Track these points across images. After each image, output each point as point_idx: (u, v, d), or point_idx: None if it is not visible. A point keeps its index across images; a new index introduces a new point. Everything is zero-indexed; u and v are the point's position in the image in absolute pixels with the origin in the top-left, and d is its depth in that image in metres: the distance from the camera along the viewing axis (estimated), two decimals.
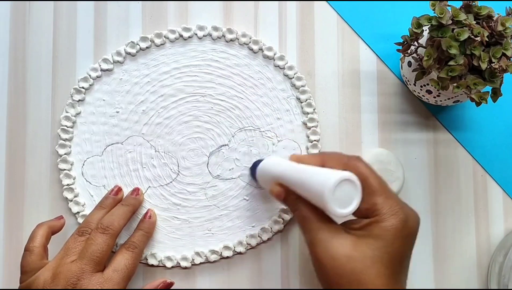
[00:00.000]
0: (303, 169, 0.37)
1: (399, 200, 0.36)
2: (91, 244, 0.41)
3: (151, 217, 0.47)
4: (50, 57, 0.50)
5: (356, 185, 0.35)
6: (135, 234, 0.45)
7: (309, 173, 0.36)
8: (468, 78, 0.39)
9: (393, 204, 0.35)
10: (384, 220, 0.35)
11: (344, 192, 0.34)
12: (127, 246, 0.43)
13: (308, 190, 0.36)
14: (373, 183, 0.36)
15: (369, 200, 0.36)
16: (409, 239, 0.36)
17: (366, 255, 0.34)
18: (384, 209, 0.35)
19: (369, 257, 0.34)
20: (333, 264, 0.34)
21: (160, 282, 0.45)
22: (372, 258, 0.34)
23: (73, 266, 0.40)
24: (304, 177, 0.36)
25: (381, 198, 0.36)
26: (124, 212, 0.45)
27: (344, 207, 0.34)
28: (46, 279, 0.40)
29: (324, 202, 0.33)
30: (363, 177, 0.36)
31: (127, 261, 0.42)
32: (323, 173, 0.35)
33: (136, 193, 0.47)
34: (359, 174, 0.35)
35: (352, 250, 0.34)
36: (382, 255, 0.34)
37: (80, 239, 0.42)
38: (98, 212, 0.45)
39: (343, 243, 0.35)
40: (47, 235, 0.44)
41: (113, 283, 0.40)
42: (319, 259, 0.35)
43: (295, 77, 0.49)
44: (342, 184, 0.34)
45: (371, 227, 0.35)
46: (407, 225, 0.35)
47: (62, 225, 0.46)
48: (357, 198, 0.35)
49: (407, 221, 0.35)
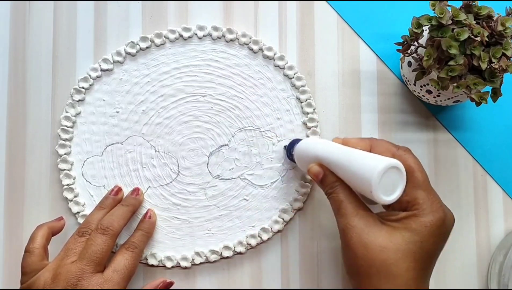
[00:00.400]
0: (350, 152, 0.37)
1: (440, 199, 0.37)
2: (91, 244, 0.41)
3: (151, 217, 0.47)
4: (50, 57, 0.50)
5: (403, 175, 0.35)
6: (135, 234, 0.45)
7: (357, 156, 0.36)
8: (468, 78, 0.39)
9: (434, 201, 0.36)
10: (423, 215, 0.35)
11: (390, 179, 0.34)
12: (127, 246, 0.43)
13: (354, 173, 0.35)
14: (418, 176, 0.36)
15: (411, 193, 0.36)
16: (443, 238, 0.37)
17: (400, 248, 0.34)
18: (425, 204, 0.36)
19: (402, 250, 0.34)
20: (365, 253, 0.35)
21: (160, 281, 0.45)
22: (405, 251, 0.34)
23: (73, 267, 0.40)
24: (351, 159, 0.36)
25: (423, 193, 0.36)
26: (124, 212, 0.45)
27: (388, 195, 0.34)
28: (46, 280, 0.40)
29: (370, 186, 0.34)
30: (410, 169, 0.36)
31: (127, 261, 0.42)
32: (372, 158, 0.35)
33: (136, 193, 0.47)
34: (406, 165, 0.36)
35: (387, 241, 0.34)
36: (416, 250, 0.34)
37: (80, 240, 0.42)
38: (98, 213, 0.45)
39: (378, 233, 0.35)
40: (47, 236, 0.44)
41: (113, 284, 0.40)
42: (350, 245, 0.35)
43: (295, 77, 0.49)
44: (389, 171, 0.34)
45: (408, 221, 0.35)
46: (445, 224, 0.36)
47: (62, 226, 0.46)
48: (401, 187, 0.35)
49: (445, 220, 0.36)
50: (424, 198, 0.36)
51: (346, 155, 0.37)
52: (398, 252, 0.34)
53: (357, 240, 0.35)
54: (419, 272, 0.35)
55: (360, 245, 0.35)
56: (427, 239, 0.35)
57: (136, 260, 0.43)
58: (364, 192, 0.35)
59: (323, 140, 0.42)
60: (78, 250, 0.41)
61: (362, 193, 0.36)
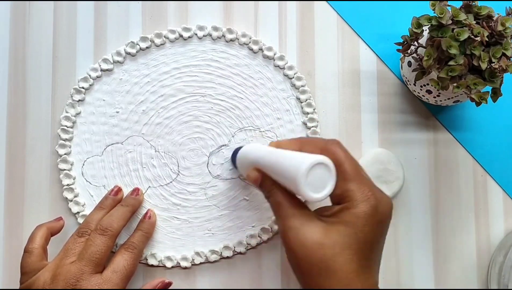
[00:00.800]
0: (279, 154, 0.36)
1: (372, 186, 0.36)
2: (90, 245, 0.41)
3: (150, 218, 0.47)
4: (50, 57, 0.50)
5: (331, 170, 0.34)
6: (135, 235, 0.45)
7: (284, 157, 0.35)
8: (468, 78, 0.39)
9: (365, 190, 0.35)
10: (355, 206, 0.34)
11: (318, 175, 0.33)
12: (126, 247, 0.43)
13: (282, 174, 0.35)
14: (347, 168, 0.35)
15: (342, 186, 0.35)
16: (380, 226, 0.35)
17: (336, 242, 0.33)
18: (355, 195, 0.34)
19: (339, 244, 0.33)
20: (304, 252, 0.34)
21: (158, 281, 0.45)
22: (342, 245, 0.33)
23: (72, 267, 0.40)
24: (280, 161, 0.35)
25: (354, 183, 0.35)
26: (124, 212, 0.45)
27: (318, 192, 0.33)
28: (46, 280, 0.40)
29: (296, 186, 0.33)
30: (339, 162, 0.35)
31: (126, 261, 0.42)
32: (297, 157, 0.34)
33: (136, 193, 0.47)
34: (335, 159, 0.35)
35: (323, 237, 0.34)
36: (352, 242, 0.33)
37: (79, 240, 0.42)
38: (98, 213, 0.45)
39: (314, 230, 0.34)
40: (46, 236, 0.44)
41: (112, 284, 0.40)
42: (290, 247, 0.34)
43: (295, 77, 0.49)
44: (316, 168, 0.33)
45: (342, 214, 0.34)
46: (378, 211, 0.34)
47: (61, 227, 0.46)
48: (331, 183, 0.34)
49: (377, 207, 0.34)
50: (354, 189, 0.34)
51: (276, 158, 0.36)
52: (335, 247, 0.33)
53: (295, 240, 0.34)
54: (359, 264, 0.34)
55: (299, 246, 0.34)
56: (361, 229, 0.34)
57: (135, 260, 0.43)
58: (295, 192, 0.35)
59: (258, 146, 0.42)
60: (77, 251, 0.41)
61: (294, 192, 0.35)
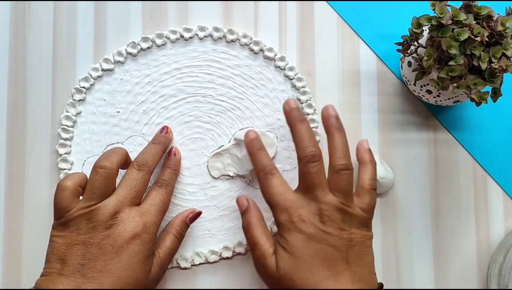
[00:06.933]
0: None
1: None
2: (129, 179, 0.42)
3: (176, 155, 0.47)
4: (50, 57, 0.50)
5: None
6: (164, 173, 0.46)
7: None
8: (468, 78, 0.39)
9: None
10: None
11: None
12: (159, 184, 0.44)
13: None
14: None
15: None
16: None
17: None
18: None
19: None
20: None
21: (189, 212, 0.46)
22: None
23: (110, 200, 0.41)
24: None
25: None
26: (157, 150, 0.46)
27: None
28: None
29: None
30: None
31: (162, 195, 0.43)
32: None
33: (165, 131, 0.47)
34: None
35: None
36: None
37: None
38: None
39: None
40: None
41: (151, 215, 0.42)
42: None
43: (295, 78, 0.49)
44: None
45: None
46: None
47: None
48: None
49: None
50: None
51: None
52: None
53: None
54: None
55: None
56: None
57: (169, 195, 0.44)
58: None
59: None
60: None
61: None
